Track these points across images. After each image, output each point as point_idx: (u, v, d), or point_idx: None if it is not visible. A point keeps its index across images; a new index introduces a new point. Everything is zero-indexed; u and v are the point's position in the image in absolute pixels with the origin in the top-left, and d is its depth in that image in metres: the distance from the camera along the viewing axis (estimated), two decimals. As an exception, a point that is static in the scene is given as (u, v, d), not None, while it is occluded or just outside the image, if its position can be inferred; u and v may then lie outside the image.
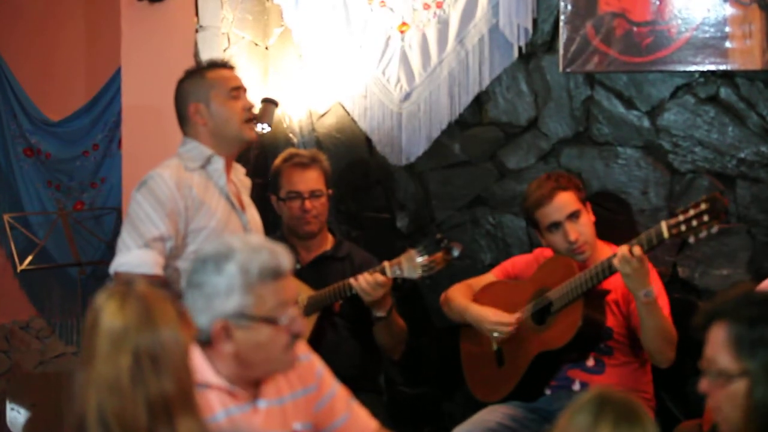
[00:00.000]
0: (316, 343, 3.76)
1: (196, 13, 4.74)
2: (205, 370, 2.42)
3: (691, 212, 3.34)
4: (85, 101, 5.80)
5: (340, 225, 4.63)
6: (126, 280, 2.08)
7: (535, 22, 4.24)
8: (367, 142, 4.64)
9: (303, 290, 3.89)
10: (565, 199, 3.77)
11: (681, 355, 3.64)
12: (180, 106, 3.58)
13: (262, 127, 4.57)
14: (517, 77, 4.33)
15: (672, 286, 3.97)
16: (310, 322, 3.89)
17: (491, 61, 4.34)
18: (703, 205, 3.32)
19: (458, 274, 4.13)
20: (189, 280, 2.43)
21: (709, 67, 3.97)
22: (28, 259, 5.42)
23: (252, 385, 2.51)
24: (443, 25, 4.43)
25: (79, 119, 5.83)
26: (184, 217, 3.42)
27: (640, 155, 4.13)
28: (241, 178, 3.69)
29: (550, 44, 4.24)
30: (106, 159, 5.80)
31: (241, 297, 2.38)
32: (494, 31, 4.31)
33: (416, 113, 4.51)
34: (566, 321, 3.65)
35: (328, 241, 4.15)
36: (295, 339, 2.47)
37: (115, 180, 5.58)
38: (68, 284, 5.76)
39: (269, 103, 4.59)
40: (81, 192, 5.85)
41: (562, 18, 4.15)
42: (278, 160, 4.16)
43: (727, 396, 2.13)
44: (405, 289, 4.25)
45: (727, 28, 3.92)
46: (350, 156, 4.67)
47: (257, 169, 4.67)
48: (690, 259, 4.04)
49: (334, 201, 4.44)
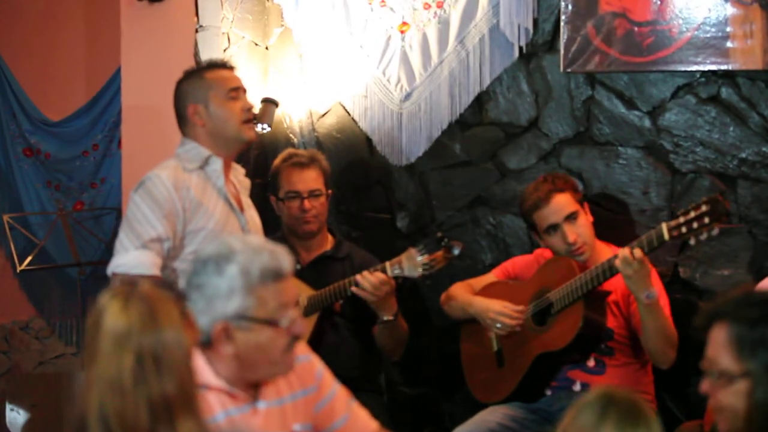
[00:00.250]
0: (317, 343, 3.76)
1: (196, 12, 4.73)
2: (204, 372, 2.41)
3: (692, 214, 3.34)
4: (85, 101, 5.80)
5: (341, 225, 4.62)
6: (130, 280, 2.08)
7: (536, 22, 4.24)
8: (368, 142, 4.63)
9: (303, 290, 3.88)
10: (562, 201, 3.76)
11: (682, 355, 3.64)
12: (179, 106, 3.58)
13: (262, 127, 4.56)
14: (518, 77, 4.32)
15: (673, 286, 3.97)
16: (310, 322, 3.88)
17: (492, 61, 4.34)
18: (704, 207, 3.31)
19: (458, 274, 4.13)
20: (189, 281, 2.42)
21: (710, 67, 3.96)
22: (28, 260, 5.41)
23: (251, 387, 2.50)
24: (444, 25, 4.42)
25: (79, 119, 5.82)
26: (181, 218, 3.42)
27: (641, 155, 4.12)
28: (240, 179, 3.69)
29: (551, 44, 4.24)
30: (106, 159, 5.79)
31: (241, 299, 2.38)
32: (495, 30, 4.31)
33: (417, 113, 4.50)
34: (567, 322, 3.65)
35: (328, 242, 4.14)
36: (295, 341, 2.47)
37: (115, 180, 5.58)
38: (68, 284, 5.76)
39: (269, 103, 4.58)
40: (81, 192, 5.84)
41: (563, 18, 4.14)
42: (277, 161, 4.16)
43: (729, 397, 2.12)
44: (405, 289, 4.24)
45: (728, 28, 3.92)
46: (350, 156, 4.67)
47: (257, 169, 4.66)
48: (691, 260, 4.04)
49: (335, 201, 4.44)
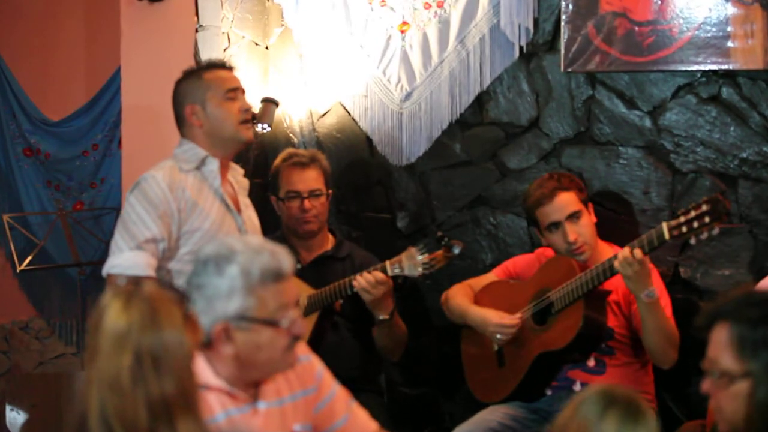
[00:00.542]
0: (317, 343, 3.76)
1: (196, 12, 4.72)
2: (204, 372, 2.41)
3: (692, 213, 3.34)
4: (85, 101, 5.79)
5: (341, 225, 4.61)
6: (134, 280, 2.08)
7: (536, 22, 4.23)
8: (368, 142, 4.63)
9: (303, 290, 3.88)
10: (566, 200, 3.76)
11: (683, 355, 3.64)
12: (177, 107, 3.57)
13: (262, 127, 4.55)
14: (518, 77, 4.32)
15: (674, 286, 3.96)
16: (310, 322, 3.87)
17: (492, 60, 4.34)
18: (704, 206, 3.31)
19: (458, 274, 4.12)
20: (189, 281, 2.42)
21: (711, 67, 3.96)
22: (28, 260, 5.40)
23: (251, 387, 2.50)
24: (444, 24, 4.42)
25: (79, 119, 5.82)
26: (176, 218, 3.42)
27: (642, 155, 4.12)
28: (239, 179, 3.68)
29: (552, 44, 4.24)
30: (106, 159, 5.79)
31: (242, 299, 2.37)
32: (495, 30, 4.30)
33: (417, 113, 4.50)
34: (567, 322, 3.65)
35: (329, 241, 4.14)
36: (296, 341, 2.47)
37: (115, 180, 5.58)
38: (68, 284, 5.75)
39: (269, 103, 4.57)
40: (80, 192, 5.84)
41: (564, 17, 4.14)
42: (278, 160, 4.16)
43: (730, 397, 2.12)
44: (405, 288, 4.24)
45: (729, 28, 3.91)
46: (351, 156, 4.66)
47: (257, 169, 4.66)
48: (692, 260, 4.03)
49: (335, 201, 4.43)
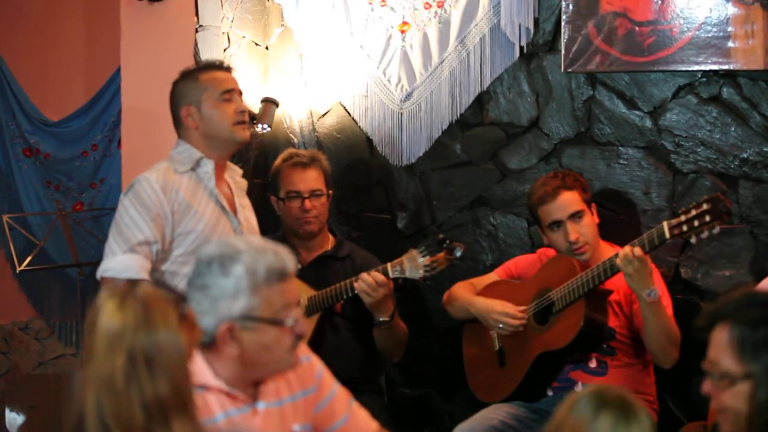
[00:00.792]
0: (317, 344, 3.76)
1: (196, 12, 4.72)
2: (204, 372, 2.41)
3: (693, 212, 3.34)
4: (85, 101, 5.78)
5: (341, 225, 4.61)
6: (131, 281, 2.09)
7: (537, 22, 4.23)
8: (368, 143, 4.62)
9: (304, 290, 3.88)
10: (569, 199, 3.76)
11: (684, 356, 3.63)
12: (173, 108, 3.57)
13: (262, 127, 4.55)
14: (519, 77, 4.31)
15: (674, 286, 3.96)
16: (311, 323, 3.87)
17: (492, 60, 4.34)
18: (705, 206, 3.31)
19: (459, 275, 4.12)
20: (192, 282, 2.41)
21: (712, 67, 3.95)
22: (28, 260, 5.39)
23: (251, 387, 2.49)
24: (444, 24, 4.41)
25: (79, 119, 5.81)
26: (170, 220, 3.42)
27: (642, 155, 4.11)
28: (237, 180, 3.67)
29: (552, 44, 4.23)
30: (106, 159, 5.78)
31: (248, 299, 2.37)
32: (495, 30, 4.30)
33: (417, 113, 4.49)
34: (568, 321, 3.64)
35: (329, 242, 4.14)
36: (299, 340, 2.47)
37: (115, 180, 5.57)
38: (67, 285, 5.74)
39: (269, 103, 4.57)
40: (80, 192, 5.83)
41: (564, 18, 4.14)
42: (278, 161, 4.15)
43: (731, 398, 2.12)
44: (406, 289, 4.23)
45: (730, 28, 3.91)
46: (351, 156, 4.66)
47: (257, 169, 4.65)
48: (692, 260, 4.03)
49: (335, 201, 4.43)
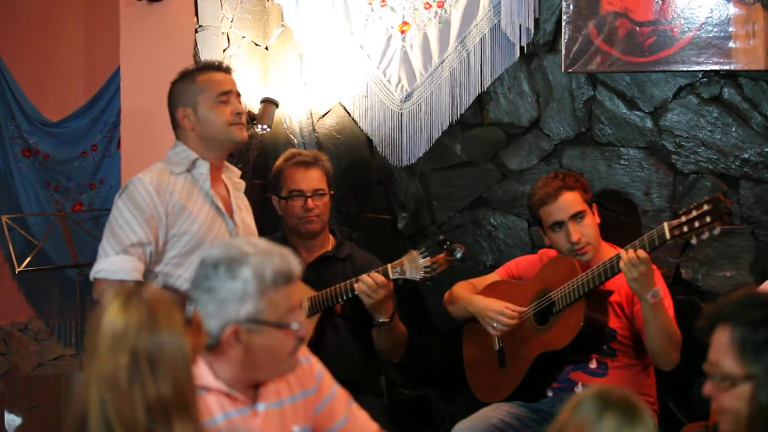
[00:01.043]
0: (317, 344, 3.76)
1: (196, 12, 4.71)
2: (204, 374, 2.40)
3: (694, 213, 3.33)
4: (84, 101, 5.78)
5: (341, 226, 4.60)
6: (138, 282, 2.11)
7: (537, 22, 4.23)
8: (368, 143, 4.62)
9: (304, 291, 3.87)
10: (570, 199, 3.76)
11: (684, 357, 3.63)
12: (171, 109, 3.57)
13: (262, 128, 4.55)
14: (519, 77, 4.31)
15: (675, 287, 3.96)
16: (311, 323, 3.87)
17: (493, 61, 4.33)
18: (706, 206, 3.31)
19: (459, 276, 4.12)
20: (197, 285, 2.40)
21: (713, 67, 3.95)
22: (27, 261, 5.39)
23: (251, 388, 2.49)
24: (444, 24, 4.41)
25: (78, 120, 5.81)
26: (164, 222, 3.42)
27: (643, 156, 4.11)
28: (235, 181, 3.67)
29: (552, 44, 4.23)
30: (105, 160, 5.78)
31: (254, 302, 2.36)
32: (496, 30, 4.30)
33: (417, 114, 4.49)
34: (568, 321, 3.64)
35: (330, 242, 4.13)
36: (300, 343, 2.46)
37: (114, 181, 5.57)
38: (67, 286, 5.74)
39: (269, 104, 4.57)
40: (79, 193, 5.83)
41: (564, 18, 4.13)
42: (280, 161, 4.15)
43: (732, 399, 2.12)
44: (406, 290, 4.23)
45: (731, 28, 3.90)
46: (351, 157, 4.65)
47: (257, 169, 4.65)
48: (693, 261, 4.02)
49: (335, 202, 4.42)
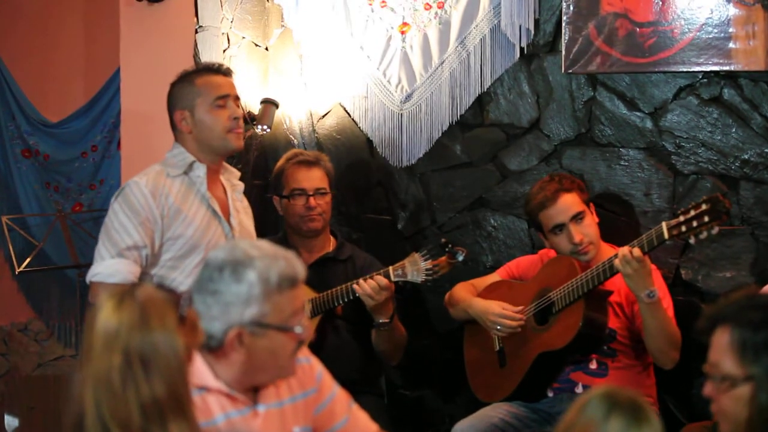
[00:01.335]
0: (318, 345, 3.75)
1: (196, 13, 4.71)
2: (204, 374, 2.40)
3: (692, 213, 3.34)
4: (84, 102, 5.78)
5: (341, 226, 4.60)
6: (133, 282, 2.11)
7: (537, 23, 4.23)
8: (368, 144, 4.62)
9: (305, 293, 3.86)
10: (569, 201, 3.76)
11: (684, 358, 3.63)
12: (170, 111, 3.57)
13: (262, 128, 4.55)
14: (519, 78, 4.31)
15: (675, 288, 3.96)
16: (312, 325, 3.87)
17: (493, 61, 4.33)
18: (704, 206, 3.31)
19: (459, 277, 4.11)
20: (202, 287, 2.39)
21: (713, 68, 3.95)
22: (27, 261, 5.39)
23: (251, 389, 2.49)
24: (444, 25, 4.41)
25: (78, 120, 5.81)
26: (159, 225, 3.41)
27: (643, 157, 4.11)
28: (234, 182, 3.66)
29: (552, 45, 4.23)
30: (105, 160, 5.78)
31: (259, 306, 2.36)
32: (496, 31, 4.30)
33: (417, 114, 4.49)
34: (567, 321, 3.64)
35: (330, 243, 4.13)
36: (300, 345, 2.46)
37: (114, 182, 5.57)
38: (67, 286, 5.74)
39: (269, 104, 4.57)
40: (79, 194, 5.83)
41: (565, 18, 4.13)
42: (282, 161, 4.15)
43: (731, 400, 2.13)
44: (406, 291, 4.23)
45: (731, 29, 3.90)
46: (351, 157, 4.65)
47: (256, 170, 4.65)
48: (693, 261, 4.02)
49: (335, 202, 4.42)
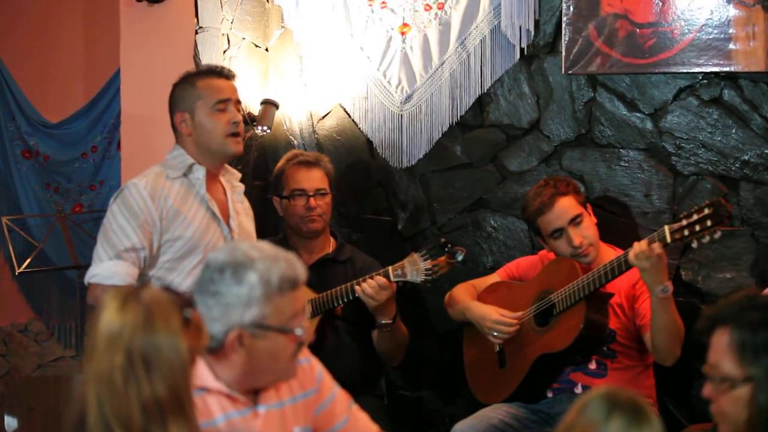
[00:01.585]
0: (318, 346, 3.75)
1: (196, 14, 4.71)
2: (204, 375, 2.40)
3: (694, 217, 3.33)
4: (84, 103, 5.78)
5: (341, 227, 4.60)
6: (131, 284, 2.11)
7: (537, 24, 4.23)
8: (368, 145, 4.61)
9: (305, 294, 3.86)
10: (566, 205, 3.75)
11: (684, 358, 3.62)
12: (170, 112, 3.57)
13: (262, 129, 4.55)
14: (519, 79, 4.31)
15: (675, 289, 3.92)
16: (312, 326, 3.87)
17: (493, 62, 4.33)
18: (707, 210, 3.30)
19: (459, 277, 4.11)
20: (202, 288, 2.39)
21: (713, 69, 3.95)
22: (27, 262, 5.39)
23: (251, 390, 2.49)
24: (444, 26, 4.41)
25: (78, 121, 5.81)
26: (158, 227, 3.42)
27: (643, 157, 4.10)
28: (234, 184, 3.66)
29: (552, 46, 4.23)
30: (105, 161, 5.78)
31: (260, 307, 2.36)
32: (496, 32, 4.30)
33: (417, 115, 4.49)
34: (568, 323, 3.64)
35: (330, 244, 4.13)
36: (300, 347, 2.46)
37: (114, 182, 5.57)
38: (67, 287, 5.74)
39: (269, 105, 4.57)
40: (79, 194, 5.83)
41: (565, 19, 4.13)
42: (281, 161, 4.15)
43: (731, 401, 2.13)
44: (406, 291, 4.23)
45: (731, 30, 3.90)
46: (351, 158, 4.65)
47: (257, 171, 4.65)
48: (693, 262, 4.02)
49: (335, 203, 4.42)
